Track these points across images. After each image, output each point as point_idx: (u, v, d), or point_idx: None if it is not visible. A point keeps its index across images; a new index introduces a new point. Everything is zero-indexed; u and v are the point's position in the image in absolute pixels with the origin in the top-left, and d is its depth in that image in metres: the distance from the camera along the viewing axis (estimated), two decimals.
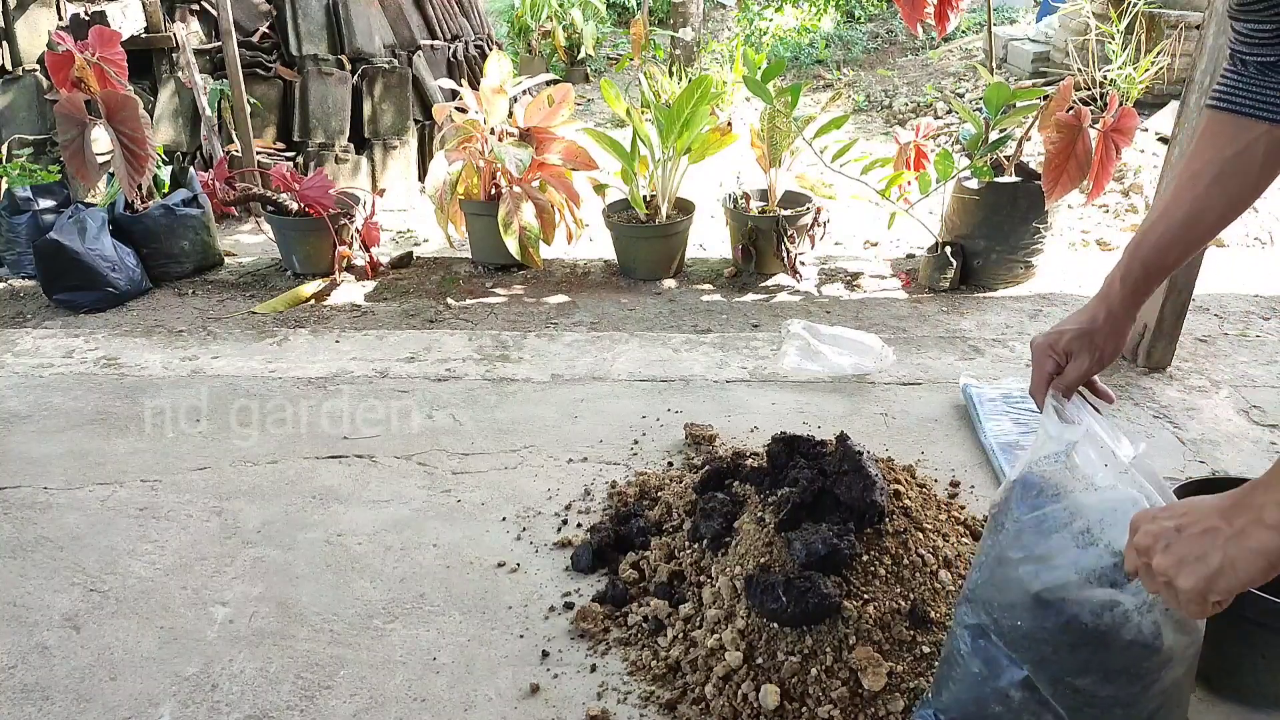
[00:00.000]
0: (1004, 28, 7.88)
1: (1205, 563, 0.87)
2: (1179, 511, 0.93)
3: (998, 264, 3.42)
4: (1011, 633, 1.22)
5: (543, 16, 8.92)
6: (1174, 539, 0.90)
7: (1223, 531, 0.87)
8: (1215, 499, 0.91)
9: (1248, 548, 0.85)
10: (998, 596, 1.24)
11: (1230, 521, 0.87)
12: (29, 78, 4.90)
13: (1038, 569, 1.19)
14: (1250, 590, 1.32)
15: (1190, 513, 0.91)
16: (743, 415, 2.46)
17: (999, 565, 1.24)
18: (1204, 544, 0.88)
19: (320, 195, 3.63)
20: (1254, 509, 0.86)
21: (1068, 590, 1.17)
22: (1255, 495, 0.87)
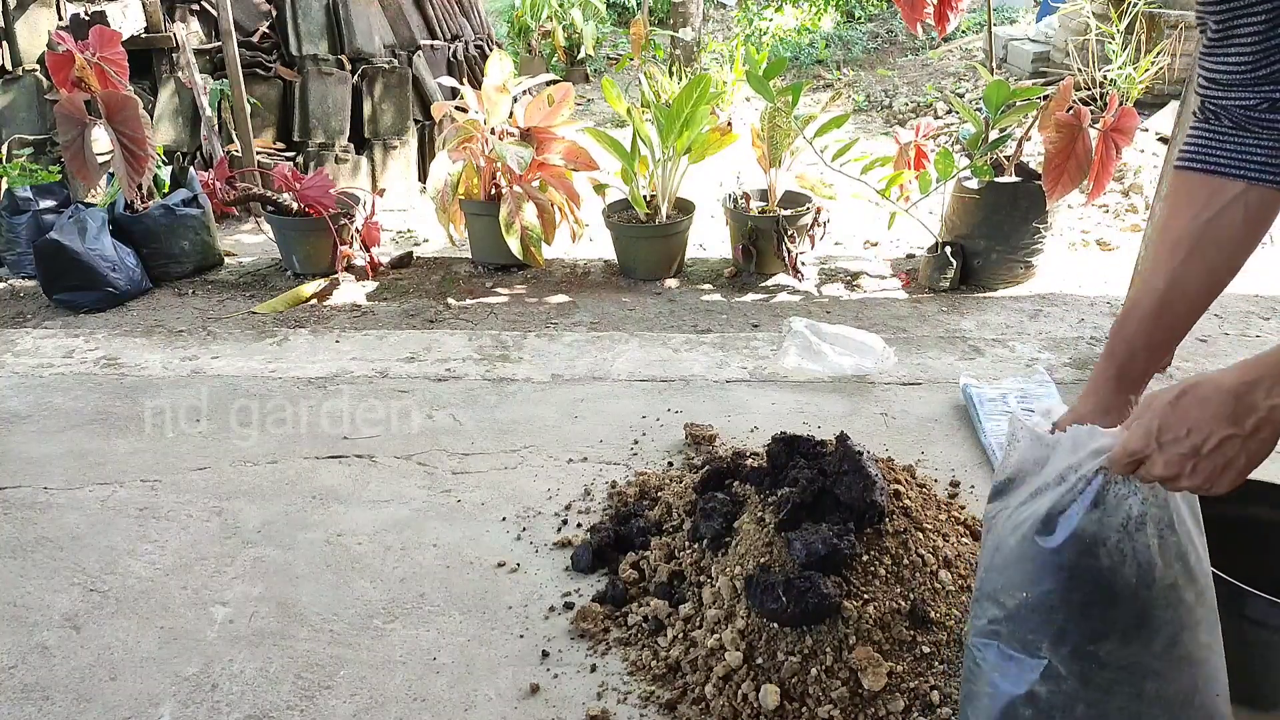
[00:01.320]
0: (1004, 28, 7.88)
1: (1234, 467, 0.96)
2: (1180, 431, 0.98)
3: (998, 264, 3.42)
4: (1020, 613, 1.20)
5: (543, 16, 8.92)
6: (1197, 459, 0.97)
7: (1239, 437, 0.95)
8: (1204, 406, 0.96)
9: (1264, 440, 0.94)
10: (999, 578, 1.23)
11: (1241, 425, 0.94)
12: (29, 78, 4.90)
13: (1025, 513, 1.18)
14: (1250, 590, 1.32)
15: (1195, 428, 0.97)
16: (743, 415, 2.46)
17: (995, 552, 1.24)
18: (1228, 453, 0.96)
19: (320, 195, 3.63)
20: (1259, 410, 0.93)
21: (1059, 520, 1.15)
22: (1255, 397, 0.94)
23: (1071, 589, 1.16)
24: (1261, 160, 1.07)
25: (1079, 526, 1.15)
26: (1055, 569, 1.16)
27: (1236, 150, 1.08)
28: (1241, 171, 1.08)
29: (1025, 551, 1.19)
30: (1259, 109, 1.06)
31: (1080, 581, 1.16)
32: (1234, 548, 1.49)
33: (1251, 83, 1.04)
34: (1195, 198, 1.12)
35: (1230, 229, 1.10)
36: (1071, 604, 1.17)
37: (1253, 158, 1.08)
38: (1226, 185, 1.09)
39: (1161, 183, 2.56)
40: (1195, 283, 1.14)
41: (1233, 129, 1.09)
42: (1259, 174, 1.07)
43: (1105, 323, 3.07)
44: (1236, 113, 1.08)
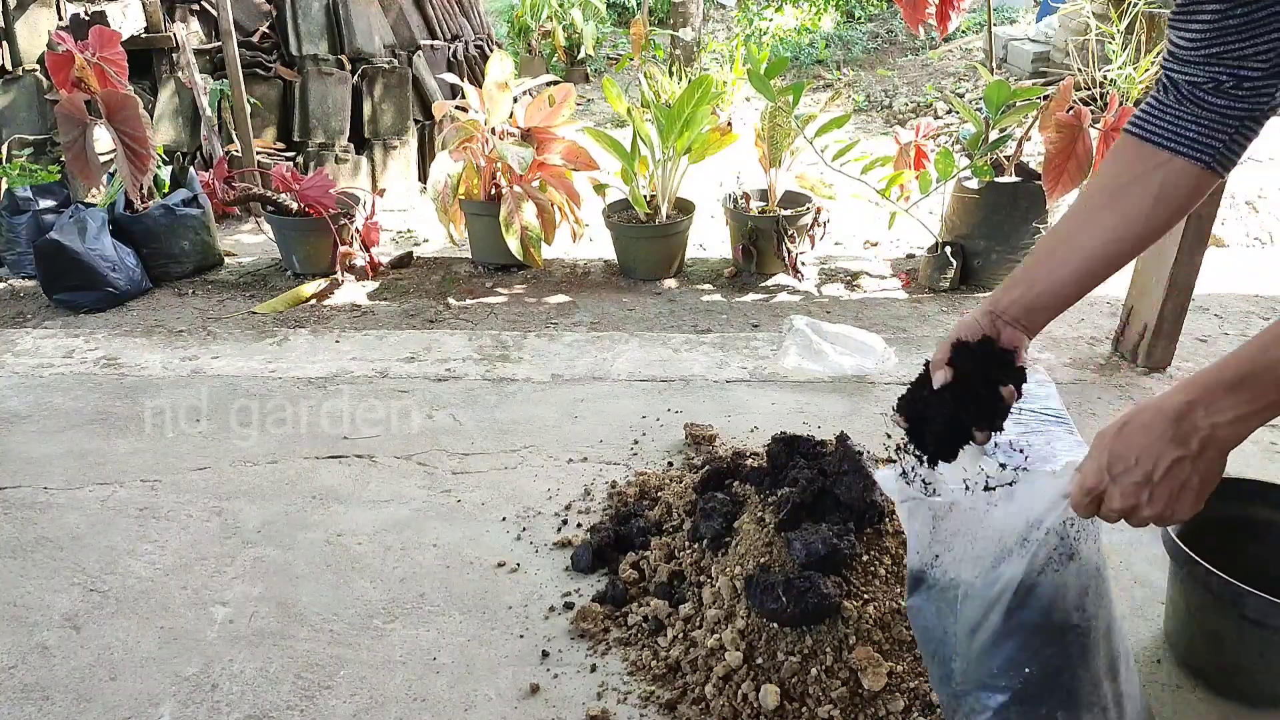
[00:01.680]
0: (1004, 28, 7.88)
1: (1190, 489, 0.96)
2: (1129, 460, 0.97)
3: (998, 264, 3.42)
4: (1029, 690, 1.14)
5: (543, 16, 8.92)
6: (1151, 487, 0.97)
7: (1187, 458, 0.95)
8: (1148, 431, 0.97)
9: (1212, 459, 0.95)
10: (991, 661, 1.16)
11: (1187, 446, 0.94)
12: (29, 78, 4.90)
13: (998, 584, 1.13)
14: (1250, 590, 1.32)
15: (1143, 456, 0.97)
16: (743, 415, 2.46)
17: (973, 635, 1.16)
18: (1180, 476, 0.95)
19: (320, 195, 3.63)
20: (1203, 429, 0.94)
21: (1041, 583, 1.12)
22: (1197, 416, 0.94)
23: (1069, 645, 1.14)
24: (1192, 136, 1.10)
25: (1063, 583, 1.12)
26: (1052, 631, 1.13)
27: (1172, 122, 1.11)
28: (1171, 143, 1.11)
29: (1019, 622, 1.13)
30: (1205, 87, 1.09)
31: (1075, 635, 1.14)
32: (1234, 548, 1.50)
33: (1202, 60, 1.07)
34: (1123, 158, 1.16)
35: (1144, 194, 1.13)
36: (1072, 660, 1.15)
37: (1185, 132, 1.10)
38: (1154, 153, 1.12)
39: None
40: (1095, 235, 1.15)
41: (1176, 103, 1.12)
42: (1186, 149, 1.10)
43: (1105, 322, 3.07)
44: (1185, 88, 1.11)
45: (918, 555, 1.21)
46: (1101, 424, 2.41)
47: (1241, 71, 1.06)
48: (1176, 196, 1.13)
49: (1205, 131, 1.10)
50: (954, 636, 1.18)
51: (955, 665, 1.19)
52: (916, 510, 1.19)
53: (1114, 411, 2.45)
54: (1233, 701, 1.48)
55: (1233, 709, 1.48)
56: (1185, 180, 1.12)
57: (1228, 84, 1.07)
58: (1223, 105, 1.09)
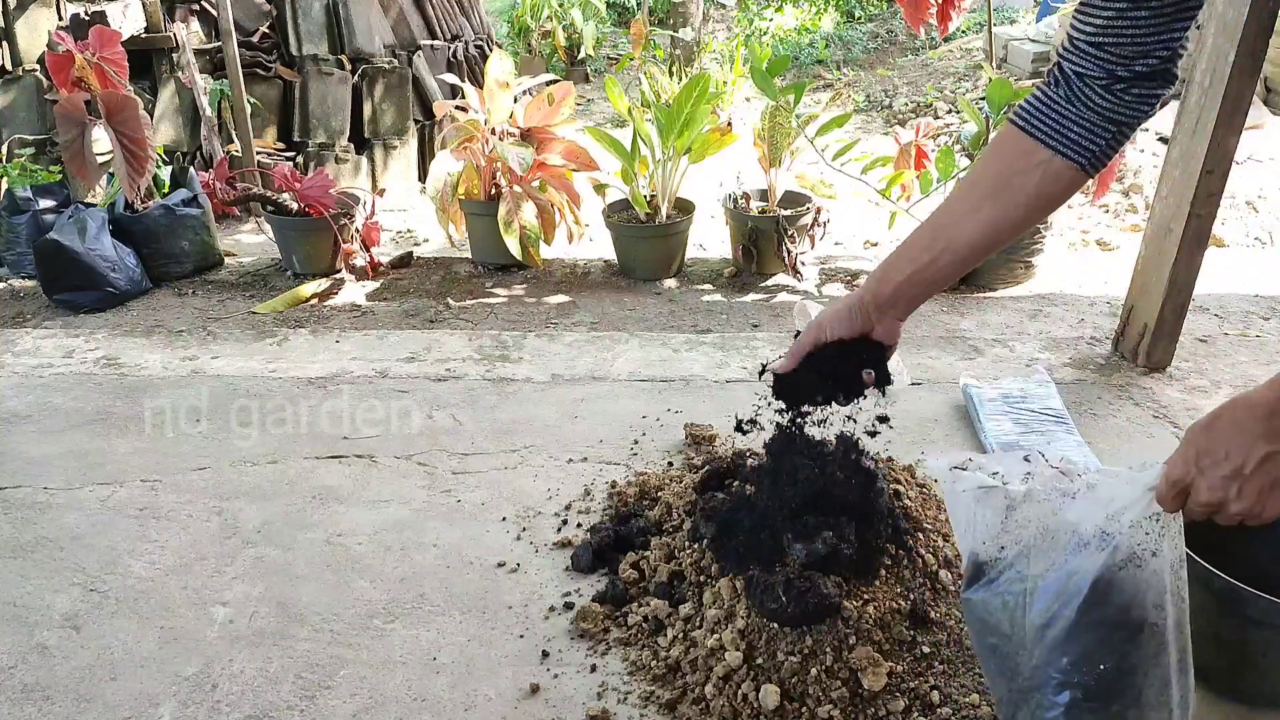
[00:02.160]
0: (1004, 28, 7.88)
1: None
2: (1219, 454, 0.97)
3: (998, 264, 3.42)
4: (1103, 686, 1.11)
5: (543, 16, 8.92)
6: (1241, 481, 0.96)
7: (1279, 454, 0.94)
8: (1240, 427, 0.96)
9: None
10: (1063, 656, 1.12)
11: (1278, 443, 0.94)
12: (29, 78, 4.90)
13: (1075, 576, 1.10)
14: (1250, 590, 1.32)
15: (1233, 450, 0.96)
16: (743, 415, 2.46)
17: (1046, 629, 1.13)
18: (1272, 472, 0.95)
19: (321, 195, 3.63)
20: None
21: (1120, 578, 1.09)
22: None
23: (1146, 644, 1.11)
24: (1074, 137, 1.12)
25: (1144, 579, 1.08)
26: (1131, 629, 1.09)
27: (1058, 121, 1.13)
28: (1053, 141, 1.13)
29: (1096, 619, 1.09)
30: (1097, 83, 1.10)
31: (1152, 634, 1.10)
32: (1234, 548, 1.49)
33: (1101, 51, 1.09)
34: (1007, 152, 1.18)
35: (1022, 191, 1.15)
36: (1147, 659, 1.11)
37: (1069, 132, 1.13)
38: (1035, 150, 1.14)
39: (1161, 183, 2.56)
40: (973, 228, 1.18)
41: (1065, 100, 1.13)
42: (1065, 148, 1.13)
43: (1105, 323, 3.07)
44: (1076, 84, 1.12)
45: (981, 545, 1.17)
46: (1102, 424, 2.42)
47: (1136, 67, 1.07)
48: (1053, 194, 1.16)
49: (1087, 133, 1.12)
50: (1022, 630, 1.14)
51: (1022, 660, 1.15)
52: (986, 499, 1.15)
53: (1114, 411, 2.45)
54: (1234, 702, 1.48)
55: (1233, 709, 1.48)
56: (1062, 179, 1.15)
57: (1118, 84, 1.09)
58: (1107, 107, 1.11)
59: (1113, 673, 1.11)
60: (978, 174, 1.20)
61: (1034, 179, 1.14)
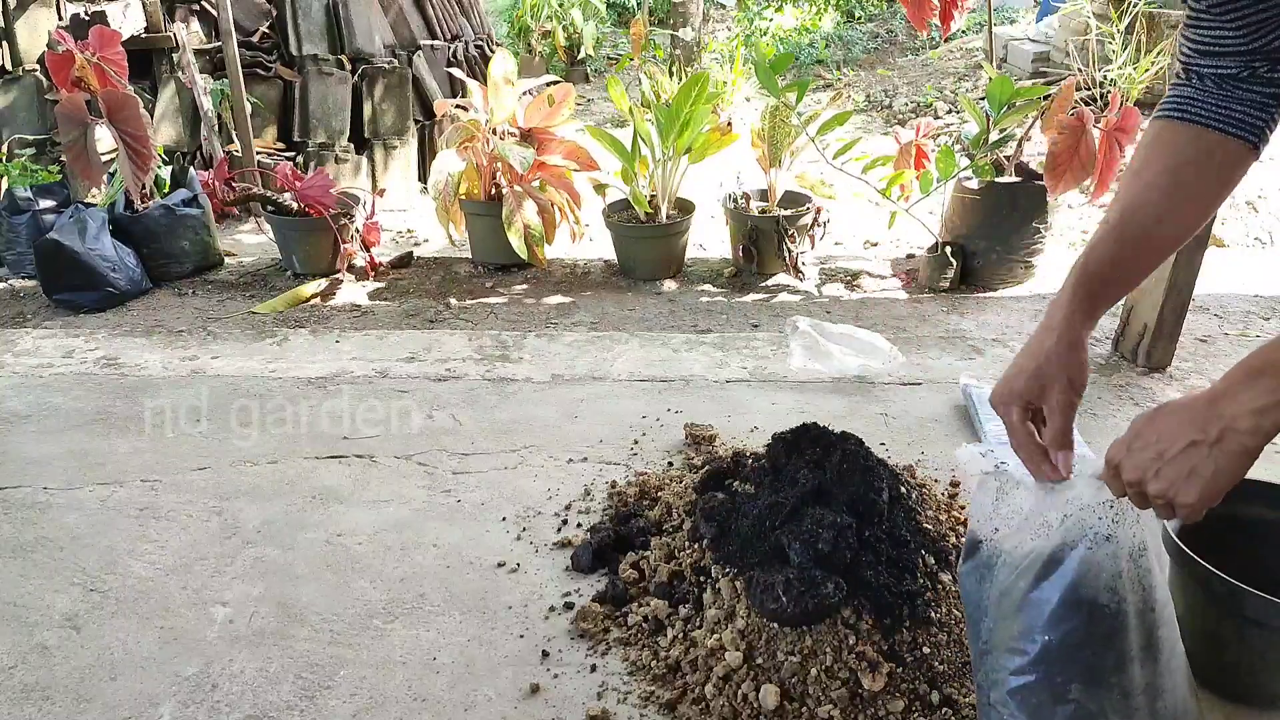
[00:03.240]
0: (1004, 28, 7.88)
1: (1199, 475, 0.97)
2: (1150, 437, 1.01)
3: (998, 264, 3.42)
4: (1046, 657, 1.18)
5: (543, 16, 8.92)
6: (1161, 464, 0.99)
7: (1203, 444, 0.96)
8: (1175, 417, 0.99)
9: (1231, 452, 0.95)
10: (1013, 625, 1.20)
11: (1205, 433, 0.96)
12: (29, 78, 4.90)
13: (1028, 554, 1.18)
14: (1250, 590, 1.32)
15: (1162, 436, 0.99)
16: (743, 415, 2.46)
17: (1001, 599, 1.21)
18: (1191, 460, 0.97)
19: (321, 195, 3.63)
20: (1224, 418, 0.95)
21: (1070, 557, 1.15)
22: (1219, 405, 0.96)
23: (1093, 623, 1.16)
24: (1239, 116, 1.11)
25: (1094, 561, 1.14)
26: (1075, 605, 1.15)
27: (1218, 105, 1.12)
28: (1221, 125, 1.12)
29: (1041, 594, 1.17)
30: (1240, 76, 1.10)
31: (1101, 615, 1.15)
32: (1234, 548, 1.50)
33: (1242, 52, 1.08)
34: (1176, 142, 1.15)
35: (1209, 173, 1.13)
36: (1095, 638, 1.16)
37: (1232, 113, 1.12)
38: (1206, 134, 1.13)
39: None
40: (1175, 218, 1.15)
41: (1216, 88, 1.13)
42: (1236, 129, 1.11)
43: (1106, 322, 3.07)
44: (1222, 79, 1.12)
45: (978, 525, 1.25)
46: (1101, 424, 2.42)
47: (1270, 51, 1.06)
48: (1230, 175, 1.14)
49: (1250, 112, 1.11)
50: (986, 600, 1.24)
51: (984, 626, 1.25)
52: (986, 484, 1.24)
53: (1114, 411, 2.45)
54: (1233, 702, 1.48)
55: (1233, 709, 1.47)
56: (1236, 159, 1.13)
57: (1263, 68, 1.08)
58: (1260, 86, 1.10)
59: (1057, 646, 1.17)
60: (1152, 172, 1.15)
61: (1215, 161, 1.12)
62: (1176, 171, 1.14)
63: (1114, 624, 1.16)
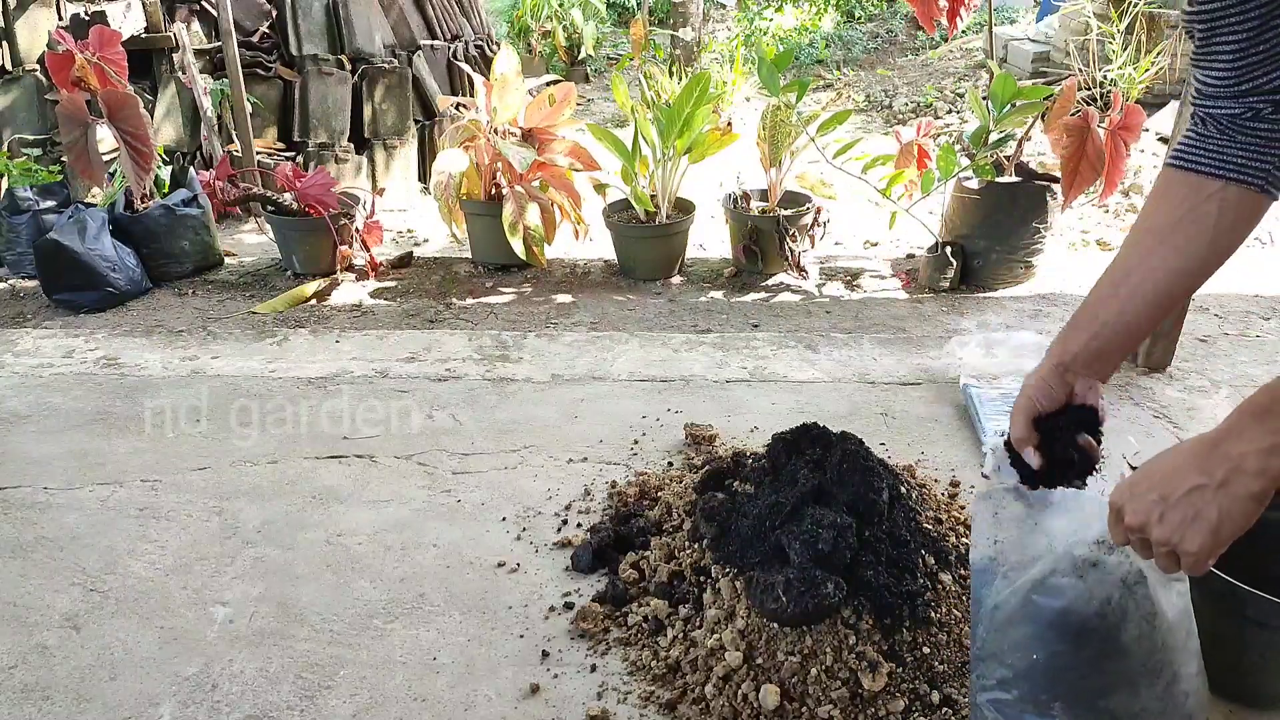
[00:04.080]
0: (1004, 28, 7.87)
1: (1204, 520, 0.91)
2: (1154, 480, 0.97)
3: (998, 264, 3.42)
4: (1032, 674, 1.20)
5: (543, 16, 8.92)
6: (1165, 508, 0.94)
7: (1208, 488, 0.91)
8: (1179, 459, 0.95)
9: (1238, 496, 0.90)
10: (1003, 639, 1.22)
11: (1211, 475, 0.91)
12: (29, 78, 4.90)
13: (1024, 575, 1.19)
14: (1250, 590, 1.32)
15: (1166, 479, 0.95)
16: (743, 415, 2.46)
17: (995, 611, 1.23)
18: (1196, 504, 0.92)
19: (321, 194, 3.63)
20: (1230, 459, 0.90)
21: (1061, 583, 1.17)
22: (1227, 446, 0.91)
23: (1080, 647, 1.16)
24: (1240, 161, 1.09)
25: (1084, 587, 1.15)
26: (1062, 629, 1.16)
27: (1217, 151, 1.10)
28: (1220, 170, 1.10)
29: (1030, 612, 1.18)
30: (1243, 118, 1.08)
31: (1089, 639, 1.16)
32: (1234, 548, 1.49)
33: (1235, 95, 1.07)
34: (1175, 193, 1.13)
35: (1203, 226, 1.11)
36: (1082, 661, 1.17)
37: (1232, 159, 1.09)
38: (1205, 183, 1.11)
39: None
40: (1158, 273, 1.13)
41: (1219, 133, 1.11)
42: (1237, 174, 1.09)
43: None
44: (1223, 121, 1.10)
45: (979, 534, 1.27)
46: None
47: (1275, 96, 1.04)
48: (1235, 224, 1.11)
49: (1254, 156, 1.08)
50: (984, 607, 1.25)
51: (979, 631, 1.27)
52: (989, 496, 1.26)
53: (1114, 411, 2.45)
54: (1234, 702, 1.48)
55: (1234, 709, 1.48)
56: (1242, 206, 1.10)
57: (1266, 110, 1.06)
58: (1266, 129, 1.07)
59: (1044, 665, 1.19)
60: (1148, 221, 1.15)
61: (1211, 212, 1.10)
62: (1173, 225, 1.12)
63: (1103, 649, 1.16)
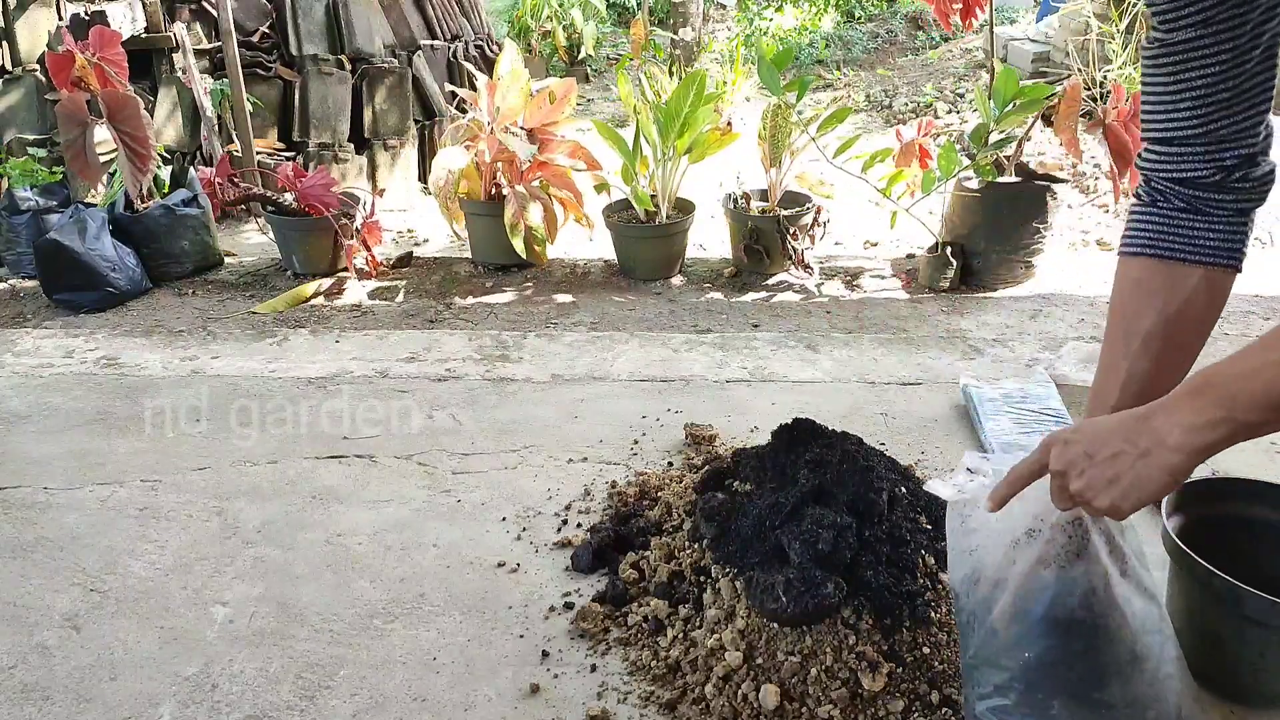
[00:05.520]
0: (1004, 28, 7.87)
1: (1117, 484, 0.96)
2: (1086, 437, 0.99)
3: (998, 264, 3.42)
4: (1026, 674, 1.20)
5: (543, 16, 8.92)
6: (1086, 464, 0.98)
7: (1129, 454, 0.95)
8: (1115, 421, 0.98)
9: (1154, 466, 0.94)
10: (996, 642, 1.23)
11: (1135, 444, 0.95)
12: (29, 78, 4.91)
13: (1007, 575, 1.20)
14: (1250, 590, 1.32)
15: (1096, 438, 0.98)
16: (743, 415, 2.46)
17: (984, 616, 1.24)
18: (1115, 467, 0.96)
19: (322, 194, 3.64)
20: (1155, 432, 0.93)
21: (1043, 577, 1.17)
22: (1155, 419, 0.94)
23: (1070, 640, 1.17)
24: (1215, 244, 1.07)
25: (1073, 579, 1.16)
26: (1052, 624, 1.17)
27: (1190, 235, 1.08)
28: (1198, 257, 1.07)
29: (1021, 611, 1.20)
30: (1210, 180, 1.05)
31: (1079, 631, 1.17)
32: (1234, 548, 1.49)
33: (1204, 144, 1.03)
34: (1155, 287, 1.11)
35: (1195, 315, 1.11)
36: (1074, 655, 1.17)
37: (1208, 242, 1.07)
38: (1186, 271, 1.08)
39: None
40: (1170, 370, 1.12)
41: (1184, 211, 1.07)
42: (1213, 258, 1.07)
43: (1105, 322, 3.07)
44: (1184, 193, 1.07)
45: (954, 543, 1.29)
46: None
47: (1243, 149, 1.03)
48: (1218, 303, 1.12)
49: (1225, 235, 1.08)
50: (972, 615, 1.26)
51: (970, 641, 1.28)
52: (956, 506, 1.27)
53: None
54: (1233, 702, 1.48)
55: (1233, 709, 1.47)
56: (1222, 284, 1.11)
57: (1236, 171, 1.04)
58: (1229, 201, 1.06)
59: (1036, 663, 1.19)
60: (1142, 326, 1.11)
61: (1200, 301, 1.09)
62: (1167, 320, 1.11)
63: (1092, 640, 1.17)
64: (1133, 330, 1.14)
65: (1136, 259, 1.12)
